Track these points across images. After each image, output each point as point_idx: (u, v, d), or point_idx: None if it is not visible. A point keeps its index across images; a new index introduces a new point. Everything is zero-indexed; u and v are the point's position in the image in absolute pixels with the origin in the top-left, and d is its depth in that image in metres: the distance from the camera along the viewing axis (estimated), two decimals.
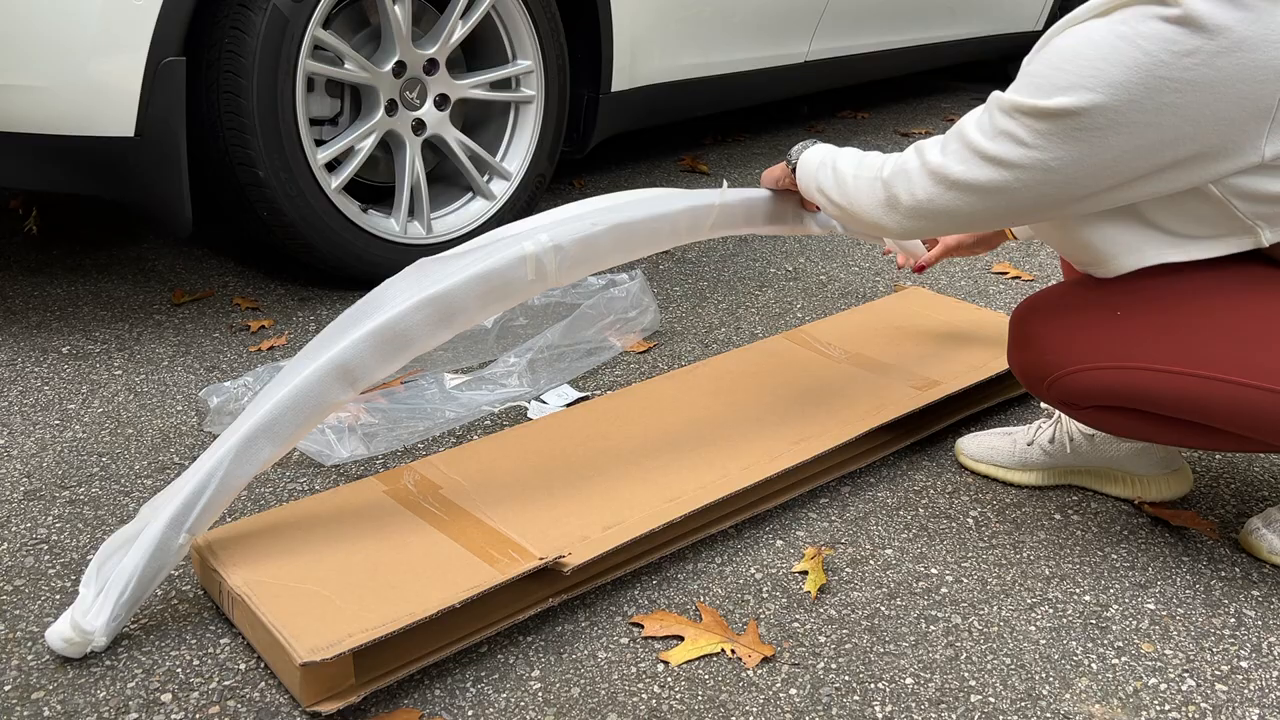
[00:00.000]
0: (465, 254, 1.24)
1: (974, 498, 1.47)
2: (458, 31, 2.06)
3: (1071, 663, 1.16)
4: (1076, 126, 1.03)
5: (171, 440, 1.55)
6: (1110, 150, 1.03)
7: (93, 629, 1.10)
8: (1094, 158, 1.04)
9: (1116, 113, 1.01)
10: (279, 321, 1.97)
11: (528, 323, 1.87)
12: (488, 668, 1.13)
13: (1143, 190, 1.07)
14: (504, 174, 2.24)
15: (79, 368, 1.77)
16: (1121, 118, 1.01)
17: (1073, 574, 1.31)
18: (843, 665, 1.15)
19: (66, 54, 1.62)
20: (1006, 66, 4.44)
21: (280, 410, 1.15)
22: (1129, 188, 1.07)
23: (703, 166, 3.10)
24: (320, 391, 1.16)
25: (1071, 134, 1.04)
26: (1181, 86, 0.99)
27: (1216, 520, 1.43)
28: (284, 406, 1.15)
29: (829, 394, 1.58)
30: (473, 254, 1.24)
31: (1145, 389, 1.17)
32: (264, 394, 1.18)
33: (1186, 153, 1.03)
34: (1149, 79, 0.99)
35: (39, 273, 2.15)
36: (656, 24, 2.49)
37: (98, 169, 1.74)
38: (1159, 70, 0.98)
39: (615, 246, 1.32)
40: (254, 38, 1.76)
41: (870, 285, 2.23)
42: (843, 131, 3.63)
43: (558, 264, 1.26)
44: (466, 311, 1.22)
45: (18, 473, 1.46)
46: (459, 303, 1.21)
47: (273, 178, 1.84)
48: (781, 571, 1.30)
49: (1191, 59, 0.98)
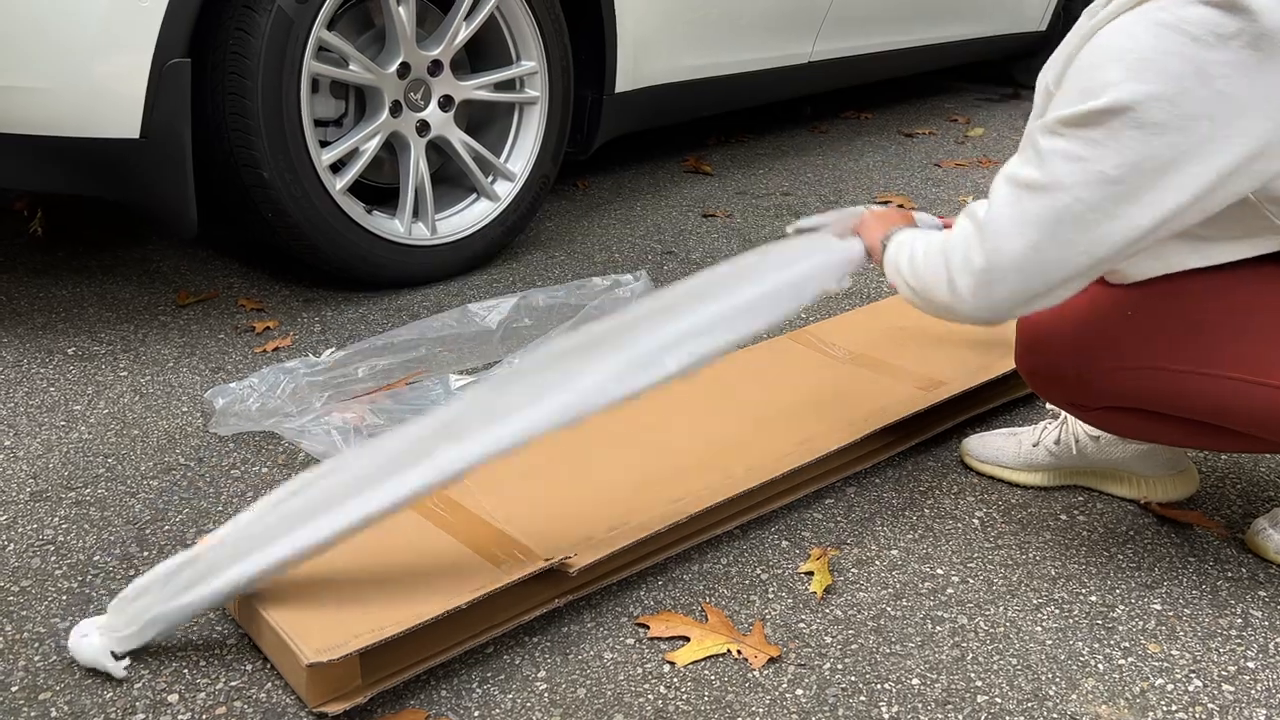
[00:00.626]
0: (597, 355, 1.19)
1: (979, 498, 1.47)
2: (462, 33, 2.06)
3: (1078, 663, 1.16)
4: (1133, 124, 0.97)
5: (177, 441, 1.55)
6: (1171, 149, 0.97)
7: (118, 668, 1.09)
8: (1156, 158, 0.97)
9: (1172, 103, 0.95)
10: (284, 323, 1.97)
11: (532, 323, 1.87)
12: (494, 668, 1.13)
13: (1211, 200, 1.00)
14: (508, 175, 2.24)
15: (84, 369, 1.77)
16: (1177, 109, 0.96)
17: (1079, 574, 1.31)
18: (849, 666, 1.15)
19: (72, 56, 1.63)
20: (1011, 67, 4.43)
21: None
22: (1199, 202, 1.00)
23: (706, 167, 3.10)
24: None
25: (1129, 134, 0.97)
26: (1231, 71, 0.95)
27: (1223, 520, 1.43)
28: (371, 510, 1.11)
29: (833, 395, 1.58)
30: (610, 357, 1.18)
31: (1157, 390, 1.17)
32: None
33: (1244, 150, 0.97)
34: (1200, 63, 0.95)
35: (44, 274, 2.16)
36: (660, 25, 2.49)
37: (103, 170, 1.74)
38: (1207, 54, 0.94)
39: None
40: (259, 39, 1.77)
41: (875, 286, 2.23)
42: (846, 132, 3.63)
43: (690, 369, 1.23)
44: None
45: (24, 474, 1.46)
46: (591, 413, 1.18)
47: (277, 179, 1.84)
48: (787, 572, 1.30)
49: (1236, 41, 0.94)
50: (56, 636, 1.15)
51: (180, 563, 1.11)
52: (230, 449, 1.54)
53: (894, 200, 2.83)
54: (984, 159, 3.33)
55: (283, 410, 1.58)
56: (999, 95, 4.35)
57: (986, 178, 3.12)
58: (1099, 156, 0.98)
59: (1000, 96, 4.33)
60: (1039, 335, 1.26)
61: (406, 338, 1.76)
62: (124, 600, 1.11)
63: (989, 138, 3.64)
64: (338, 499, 1.10)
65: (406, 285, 2.13)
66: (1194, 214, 1.01)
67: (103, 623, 1.11)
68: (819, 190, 2.93)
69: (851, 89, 4.31)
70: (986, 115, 3.99)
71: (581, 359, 1.18)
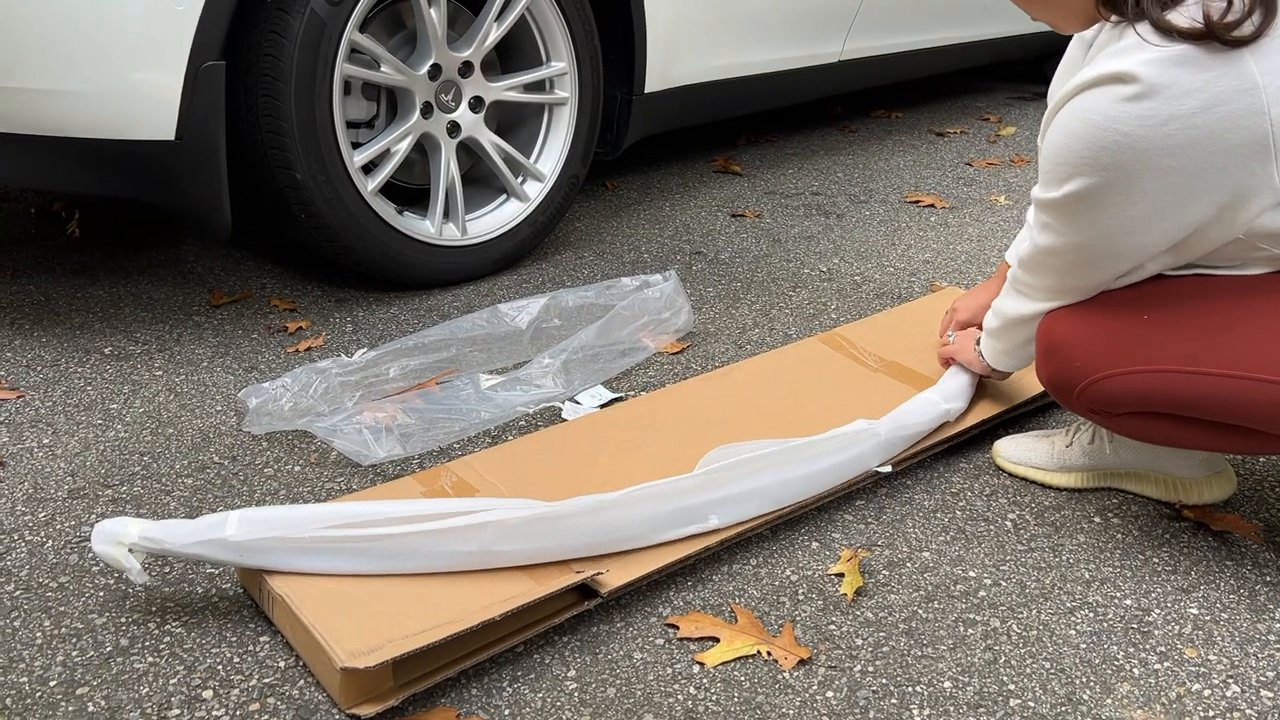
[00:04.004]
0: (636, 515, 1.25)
1: (1012, 500, 1.46)
2: (493, 34, 2.07)
3: (1113, 667, 1.15)
4: (1090, 206, 1.12)
5: (211, 440, 1.57)
6: (1134, 210, 1.10)
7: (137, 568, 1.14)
8: (1121, 220, 1.11)
9: (1121, 185, 1.08)
10: (316, 323, 1.99)
11: (562, 324, 1.88)
12: (524, 667, 1.14)
13: (1192, 244, 1.14)
14: (538, 175, 2.24)
15: (121, 368, 1.79)
16: (1129, 186, 1.08)
17: (1113, 577, 1.30)
18: (880, 668, 1.14)
19: (109, 59, 1.65)
20: (1042, 65, 4.39)
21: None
22: (1183, 239, 1.13)
23: (735, 167, 3.10)
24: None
25: (1089, 211, 1.12)
26: (1174, 150, 1.04)
27: (1261, 524, 1.41)
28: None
29: (864, 408, 1.55)
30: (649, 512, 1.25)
31: (1179, 392, 1.16)
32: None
33: (1210, 205, 1.08)
34: (1139, 155, 1.05)
35: (81, 274, 2.19)
36: (690, 25, 2.48)
37: (138, 172, 1.76)
38: (1143, 145, 1.04)
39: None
40: (292, 42, 1.78)
41: (905, 286, 2.22)
42: (876, 132, 3.61)
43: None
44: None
45: (62, 471, 1.48)
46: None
47: (310, 180, 1.86)
48: (817, 573, 1.29)
49: (1170, 126, 1.03)
50: (94, 632, 1.17)
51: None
52: (263, 448, 1.55)
53: (925, 200, 2.81)
54: (1017, 158, 3.30)
55: (315, 410, 1.60)
56: (1031, 94, 4.32)
57: (1019, 177, 3.09)
58: (1073, 229, 1.16)
59: (1032, 95, 4.29)
60: (1056, 342, 1.25)
61: (437, 338, 1.77)
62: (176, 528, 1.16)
63: (1021, 136, 3.60)
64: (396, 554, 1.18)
65: (437, 285, 2.14)
66: (1190, 247, 1.15)
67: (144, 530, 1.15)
68: (849, 190, 2.92)
69: (881, 88, 4.29)
70: (1018, 114, 3.96)
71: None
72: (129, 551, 1.13)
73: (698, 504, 1.27)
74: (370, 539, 1.15)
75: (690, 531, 1.27)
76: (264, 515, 1.16)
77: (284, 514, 1.16)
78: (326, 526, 1.15)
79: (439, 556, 1.16)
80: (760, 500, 1.32)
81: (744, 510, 1.31)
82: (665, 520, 1.25)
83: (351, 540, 1.15)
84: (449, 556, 1.16)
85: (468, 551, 1.17)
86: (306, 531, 1.14)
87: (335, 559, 1.15)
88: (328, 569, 1.15)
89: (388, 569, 1.16)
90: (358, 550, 1.15)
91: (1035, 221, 1.22)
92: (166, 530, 1.15)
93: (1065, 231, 1.17)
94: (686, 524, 1.27)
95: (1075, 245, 1.18)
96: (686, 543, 1.27)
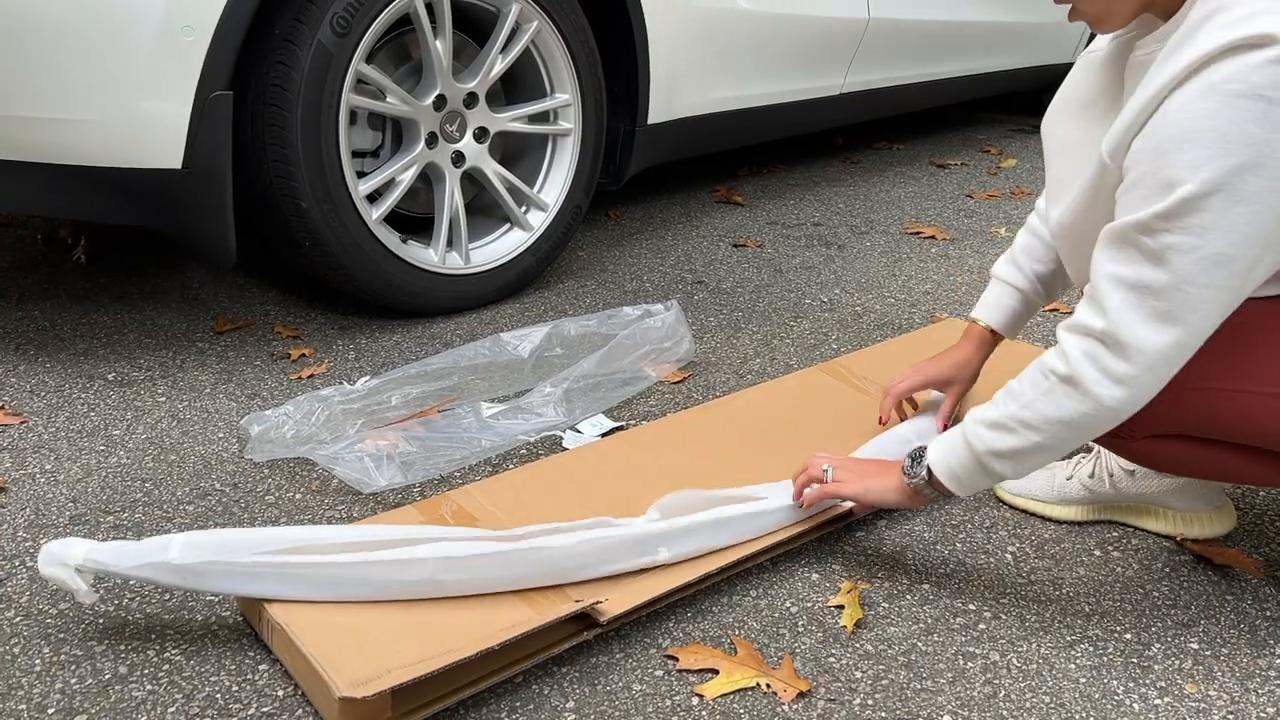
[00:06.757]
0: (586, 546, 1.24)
1: (1012, 533, 1.46)
2: (498, 66, 2.09)
3: (1113, 702, 1.15)
4: (1231, 200, 0.96)
5: (213, 467, 1.58)
6: (1274, 210, 0.97)
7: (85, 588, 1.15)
8: (1262, 225, 0.97)
9: (1263, 169, 0.95)
10: (319, 350, 1.99)
11: (564, 352, 1.89)
12: (522, 698, 1.13)
13: None
14: (541, 205, 2.26)
15: (124, 394, 1.80)
16: (1269, 173, 0.95)
17: (1113, 611, 1.30)
18: (879, 701, 1.14)
19: (118, 88, 1.67)
20: (1043, 98, 4.42)
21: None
22: None
23: (737, 197, 3.11)
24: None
25: (1233, 211, 0.96)
26: None
27: (1261, 559, 1.41)
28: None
29: (863, 437, 1.56)
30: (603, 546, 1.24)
31: (1208, 410, 1.13)
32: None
33: None
34: (1276, 121, 0.93)
35: (86, 300, 2.20)
36: (693, 57, 2.51)
37: (145, 200, 1.77)
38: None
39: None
40: (299, 73, 1.80)
41: (906, 316, 2.23)
42: (878, 163, 3.63)
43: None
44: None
45: (64, 497, 1.48)
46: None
47: (315, 209, 1.87)
48: (817, 605, 1.29)
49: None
50: (93, 659, 1.17)
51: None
52: (265, 475, 1.56)
53: (926, 231, 2.83)
54: (1017, 190, 3.32)
55: (317, 437, 1.60)
56: (1031, 126, 4.35)
57: (1019, 209, 3.11)
58: (1209, 241, 0.98)
59: (1033, 128, 4.32)
60: None
61: (439, 366, 1.78)
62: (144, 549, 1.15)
63: (1022, 169, 3.63)
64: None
65: (440, 313, 2.15)
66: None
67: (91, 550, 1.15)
68: (850, 221, 2.94)
69: (883, 120, 4.32)
70: (1019, 146, 3.99)
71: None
72: (75, 572, 1.14)
73: (648, 535, 1.25)
74: (311, 565, 1.15)
75: (642, 564, 1.25)
76: (208, 539, 1.16)
77: (227, 538, 1.16)
78: (269, 552, 1.15)
79: (380, 585, 1.16)
80: (712, 534, 1.30)
81: (694, 545, 1.29)
82: (616, 552, 1.24)
83: (293, 567, 1.15)
84: (393, 585, 1.16)
85: (411, 581, 1.17)
86: (248, 556, 1.15)
87: (276, 584, 1.15)
88: (269, 594, 1.15)
89: (327, 596, 1.16)
90: (297, 576, 1.15)
91: (1141, 257, 1.01)
92: (112, 552, 1.15)
93: (1195, 245, 0.98)
94: (638, 556, 1.25)
95: (1206, 266, 0.99)
96: (687, 568, 1.26)
